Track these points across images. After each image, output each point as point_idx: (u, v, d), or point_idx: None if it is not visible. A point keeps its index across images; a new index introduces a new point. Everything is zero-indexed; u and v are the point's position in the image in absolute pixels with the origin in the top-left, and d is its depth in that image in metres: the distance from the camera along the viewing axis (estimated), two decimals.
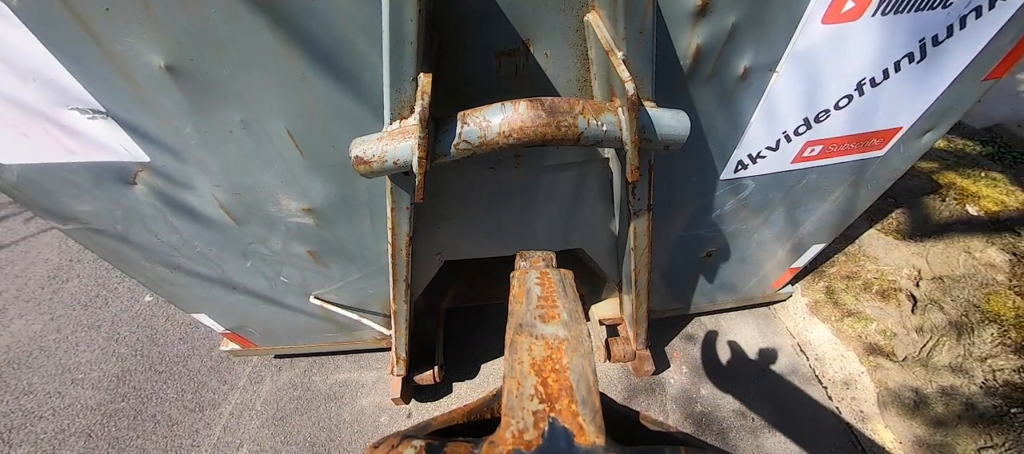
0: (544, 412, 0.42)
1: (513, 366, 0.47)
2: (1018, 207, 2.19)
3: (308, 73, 0.79)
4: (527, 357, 0.48)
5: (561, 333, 0.51)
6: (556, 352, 0.48)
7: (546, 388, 0.44)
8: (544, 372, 0.46)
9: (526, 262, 0.68)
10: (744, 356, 2.19)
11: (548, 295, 0.58)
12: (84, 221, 1.11)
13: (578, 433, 0.40)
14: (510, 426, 0.41)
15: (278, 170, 0.99)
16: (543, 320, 0.53)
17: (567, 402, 0.43)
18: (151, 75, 0.77)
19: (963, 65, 0.99)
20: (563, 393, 0.44)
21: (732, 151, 1.11)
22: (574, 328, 0.52)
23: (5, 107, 0.82)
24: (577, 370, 0.46)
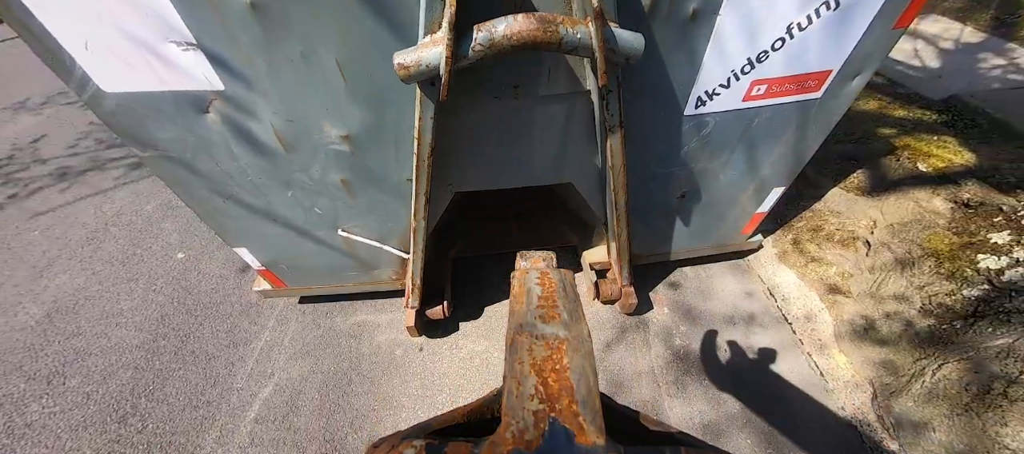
0: (544, 412, 0.42)
1: (513, 366, 0.47)
2: (962, 164, 2.45)
3: (359, 11, 1.03)
4: (527, 357, 0.48)
5: (561, 333, 0.51)
6: (556, 352, 0.49)
7: (546, 388, 0.44)
8: (544, 372, 0.46)
9: (526, 262, 0.69)
10: (720, 299, 2.45)
11: (548, 295, 0.58)
12: (161, 148, 1.35)
13: (578, 433, 0.40)
14: (510, 426, 0.41)
15: (325, 98, 1.23)
16: (543, 320, 0.54)
17: (567, 402, 0.43)
18: (239, 11, 1.02)
19: (873, 14, 1.24)
20: (563, 393, 0.44)
21: (691, 88, 1.36)
22: (574, 328, 0.53)
23: (119, 39, 1.07)
24: (577, 370, 0.47)
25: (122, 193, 3.28)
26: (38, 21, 1.00)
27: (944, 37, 3.94)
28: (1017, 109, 2.87)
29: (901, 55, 3.73)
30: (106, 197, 3.25)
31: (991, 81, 3.24)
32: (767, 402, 1.98)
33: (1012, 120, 2.73)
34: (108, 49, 1.08)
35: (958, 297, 1.87)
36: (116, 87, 1.17)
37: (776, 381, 2.07)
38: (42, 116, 4.34)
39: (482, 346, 2.24)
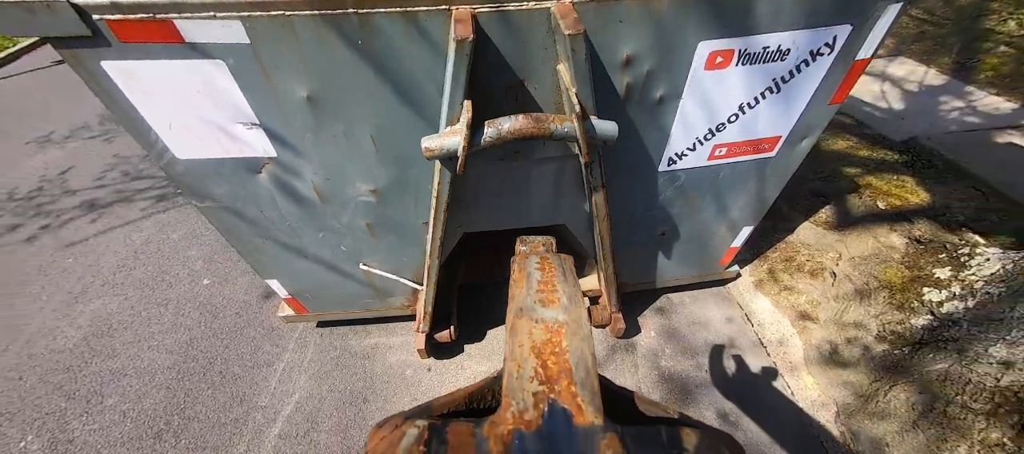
0: (544, 393, 0.42)
1: (513, 349, 0.48)
2: (917, 202, 2.72)
3: (391, 100, 1.29)
4: (527, 340, 0.49)
5: (561, 317, 0.52)
6: (556, 335, 0.49)
7: (546, 370, 0.45)
8: (544, 355, 0.47)
9: (526, 247, 0.70)
10: (702, 324, 2.68)
11: (548, 280, 0.60)
12: (217, 200, 1.60)
13: (577, 413, 0.41)
14: (511, 407, 0.42)
15: (359, 162, 1.49)
16: (543, 304, 0.55)
17: (566, 384, 0.43)
18: (297, 102, 1.28)
19: (809, 95, 1.52)
20: (562, 375, 0.44)
21: (663, 150, 1.62)
22: (573, 312, 0.53)
23: (197, 121, 1.33)
24: (576, 353, 0.47)
25: (149, 223, 3.52)
26: (138, 111, 1.26)
27: (909, 79, 4.27)
28: (969, 151, 3.16)
29: (869, 96, 4.05)
30: (134, 227, 3.49)
31: (949, 123, 3.55)
32: (744, 419, 2.20)
33: (964, 162, 3.01)
34: (186, 128, 1.34)
35: (907, 326, 2.11)
36: (187, 155, 1.42)
37: (752, 400, 2.28)
38: (68, 149, 4.60)
39: (485, 367, 2.46)
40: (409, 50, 1.17)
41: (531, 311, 0.54)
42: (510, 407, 0.42)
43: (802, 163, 1.86)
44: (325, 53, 1.16)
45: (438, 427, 0.42)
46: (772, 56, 1.34)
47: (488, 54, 1.19)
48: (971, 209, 2.64)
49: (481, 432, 0.40)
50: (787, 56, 1.35)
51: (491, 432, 0.40)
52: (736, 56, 1.32)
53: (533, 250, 0.70)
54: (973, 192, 2.81)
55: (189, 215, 3.56)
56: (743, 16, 1.22)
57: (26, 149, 4.61)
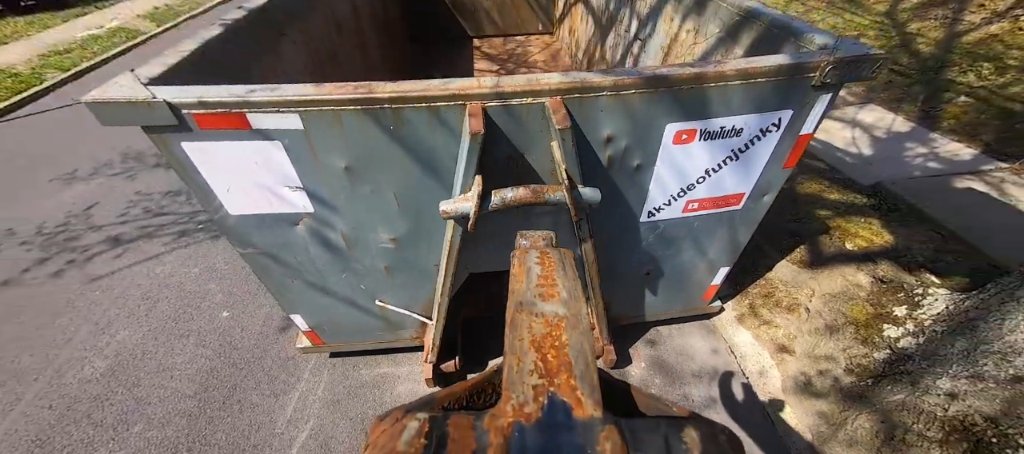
0: (543, 386, 0.43)
1: (513, 343, 0.48)
2: (881, 244, 2.98)
3: (413, 168, 1.56)
4: (527, 334, 0.49)
5: (560, 311, 0.52)
6: (555, 329, 0.50)
7: (545, 364, 0.45)
8: (544, 348, 0.47)
9: (526, 241, 0.71)
10: (689, 355, 2.88)
11: (548, 274, 0.60)
12: (257, 248, 1.85)
13: (576, 406, 0.41)
14: (511, 400, 0.42)
15: (383, 216, 1.75)
16: (543, 298, 0.55)
17: (566, 377, 0.43)
18: (336, 171, 1.55)
19: (764, 162, 1.80)
20: (562, 368, 0.44)
21: (643, 206, 1.89)
22: (573, 306, 0.54)
23: (251, 185, 1.59)
24: (576, 346, 0.48)
25: (171, 257, 3.75)
26: (205, 179, 1.52)
27: (877, 126, 4.62)
28: (931, 195, 3.45)
29: (841, 142, 4.39)
30: (157, 261, 3.72)
31: (913, 169, 3.86)
32: None
33: (925, 206, 3.29)
34: (242, 190, 1.60)
35: (870, 359, 2.32)
36: (239, 211, 1.68)
37: (735, 428, 2.45)
38: (92, 185, 4.87)
39: None
40: (430, 132, 1.45)
41: (531, 305, 0.55)
42: (510, 400, 0.42)
43: (779, 206, 2.13)
44: (362, 135, 1.43)
45: (439, 420, 0.43)
46: (728, 133, 1.62)
47: (494, 134, 1.47)
48: (930, 251, 2.90)
49: (481, 425, 0.41)
50: (741, 133, 1.63)
51: (491, 425, 0.40)
52: (698, 134, 1.60)
53: (533, 244, 0.71)
54: (933, 235, 3.08)
55: (209, 250, 3.79)
56: (701, 105, 1.51)
57: (51, 186, 4.88)
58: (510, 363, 0.47)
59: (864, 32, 6.56)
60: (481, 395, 0.60)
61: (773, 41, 1.88)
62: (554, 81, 1.36)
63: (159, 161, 5.13)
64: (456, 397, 0.58)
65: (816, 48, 1.58)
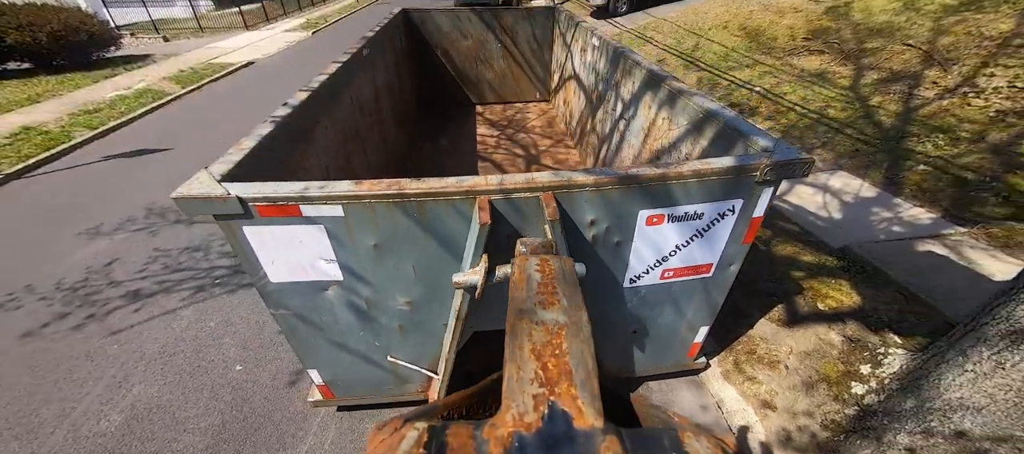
0: (544, 396, 0.43)
1: (514, 351, 0.49)
2: (850, 305, 3.25)
3: (430, 246, 1.86)
4: (527, 342, 0.49)
5: (561, 319, 0.52)
6: (556, 337, 0.50)
7: (546, 372, 0.46)
8: (544, 357, 0.48)
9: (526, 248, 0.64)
10: (678, 409, 3.04)
11: (548, 281, 0.58)
12: (289, 309, 2.10)
13: (577, 416, 0.42)
14: (511, 409, 0.43)
15: (401, 283, 2.02)
16: (543, 306, 0.54)
17: (566, 386, 0.44)
18: (366, 248, 1.85)
19: (725, 239, 2.12)
20: (563, 377, 0.45)
21: (625, 274, 2.18)
22: (573, 314, 0.53)
23: (293, 258, 1.88)
24: (576, 355, 0.48)
25: (188, 312, 3.96)
26: (256, 255, 1.82)
27: (846, 191, 5.05)
28: (895, 258, 3.77)
29: (812, 206, 4.78)
30: (174, 316, 3.92)
31: (879, 232, 4.21)
32: None
33: (889, 269, 3.60)
34: (284, 262, 1.89)
35: (841, 415, 2.51)
36: (279, 279, 1.96)
37: None
38: (115, 240, 5.16)
39: None
40: (447, 219, 1.77)
41: (531, 313, 0.54)
42: (510, 409, 0.42)
43: (757, 267, 2.41)
44: (391, 221, 1.75)
45: (438, 429, 0.42)
46: (691, 217, 1.95)
47: (498, 220, 1.79)
48: (895, 312, 3.17)
49: (481, 434, 0.40)
50: (702, 217, 1.96)
51: (491, 434, 0.40)
52: (667, 218, 1.93)
53: (533, 251, 0.66)
54: (898, 296, 3.36)
55: (225, 304, 4.01)
56: (667, 196, 1.85)
57: (77, 240, 5.16)
58: (510, 372, 0.47)
59: (831, 103, 7.21)
60: (481, 404, 0.57)
61: (729, 137, 2.27)
62: (546, 179, 1.70)
63: (180, 218, 5.45)
64: (456, 406, 0.56)
65: (759, 149, 1.95)
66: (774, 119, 7.17)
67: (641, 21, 14.06)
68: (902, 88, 6.95)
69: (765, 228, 4.42)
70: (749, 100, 7.87)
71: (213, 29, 19.33)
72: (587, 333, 0.56)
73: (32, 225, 5.50)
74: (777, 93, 7.81)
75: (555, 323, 0.56)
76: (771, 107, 7.45)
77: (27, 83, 12.16)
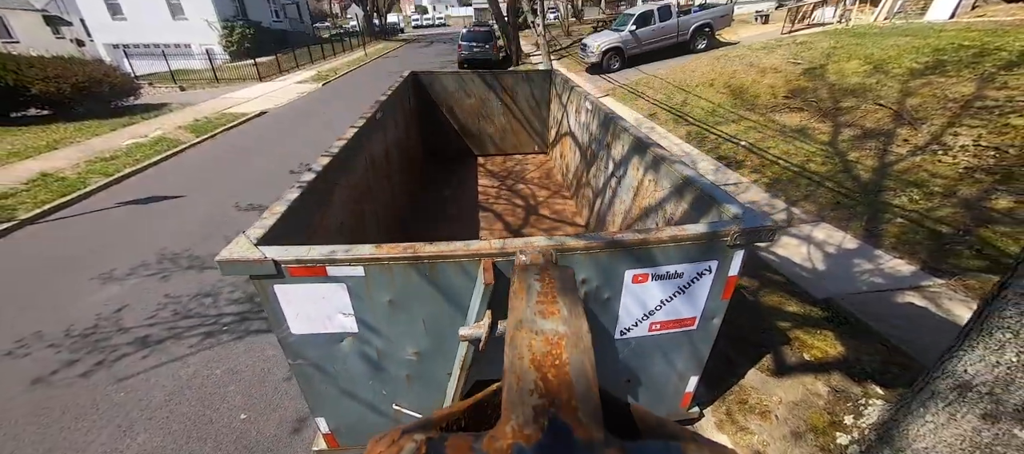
0: (544, 407, 0.43)
1: (513, 362, 0.46)
2: (835, 355, 3.40)
3: (439, 301, 2.07)
4: (527, 352, 0.47)
5: (561, 329, 0.49)
6: (556, 348, 0.47)
7: (546, 383, 0.45)
8: (544, 367, 0.46)
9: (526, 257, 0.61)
10: None
11: (548, 291, 0.56)
12: (306, 359, 2.27)
13: (577, 427, 0.41)
14: (510, 421, 0.42)
15: (411, 335, 2.20)
16: (543, 316, 0.52)
17: (567, 397, 0.43)
18: (381, 304, 2.05)
19: (705, 296, 2.33)
20: (563, 388, 0.44)
21: (615, 326, 2.37)
22: (574, 324, 0.50)
23: (314, 313, 2.07)
24: (577, 365, 0.46)
25: (195, 359, 4.06)
26: (282, 309, 2.02)
27: (829, 242, 5.31)
28: (876, 309, 3.96)
29: (797, 257, 5.02)
30: (182, 363, 4.02)
31: (860, 283, 4.43)
32: None
33: (870, 320, 3.78)
34: (306, 317, 2.08)
35: None
36: (299, 331, 2.14)
37: None
38: (126, 286, 5.31)
39: None
40: (455, 278, 1.98)
41: (531, 323, 0.52)
42: (510, 421, 0.41)
43: (747, 318, 2.59)
44: (406, 280, 1.96)
45: (436, 442, 0.41)
46: (672, 275, 2.18)
47: (500, 278, 2.01)
48: (878, 363, 3.32)
49: (480, 447, 0.39)
50: (683, 276, 2.18)
51: (490, 447, 0.38)
52: (651, 276, 2.15)
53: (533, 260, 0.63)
54: (880, 347, 3.52)
55: (232, 351, 4.12)
56: (650, 258, 2.08)
57: (89, 286, 5.32)
58: (510, 382, 0.46)
59: (812, 157, 7.65)
60: (481, 415, 0.55)
61: (705, 201, 2.54)
62: (542, 244, 1.94)
63: (192, 264, 5.64)
64: (455, 418, 0.54)
65: (731, 216, 2.21)
66: (760, 172, 7.57)
67: (633, 77, 14.98)
68: (877, 144, 7.42)
69: (753, 279, 4.64)
70: (736, 153, 8.33)
71: (228, 80, 20.34)
72: (587, 343, 0.53)
73: (45, 270, 5.67)
74: (762, 147, 8.28)
75: (555, 333, 0.53)
76: (756, 160, 7.89)
77: (45, 129, 12.67)
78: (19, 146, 11.03)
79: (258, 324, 4.50)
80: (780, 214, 6.16)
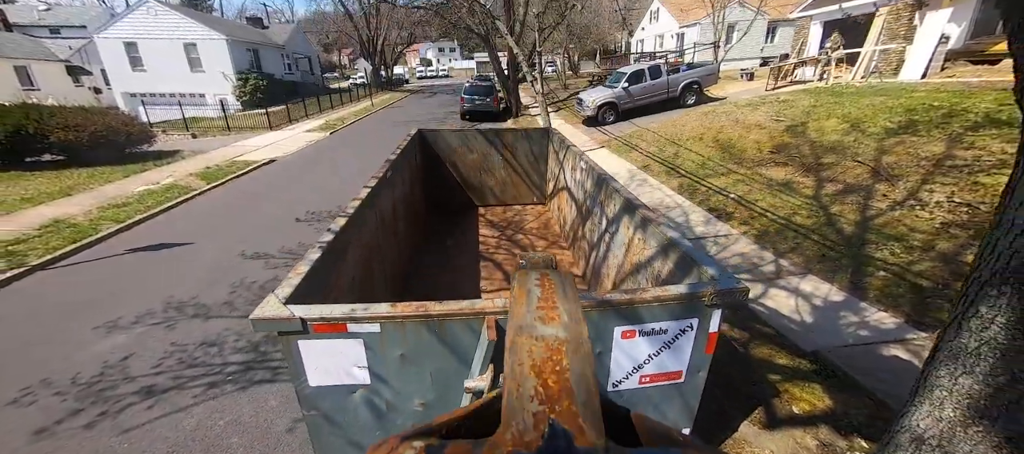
0: (544, 413, 0.42)
1: (513, 368, 0.49)
2: (823, 409, 3.53)
3: (446, 354, 2.26)
4: (527, 359, 0.50)
5: (561, 334, 0.53)
6: (556, 353, 0.50)
7: (546, 389, 0.45)
8: (544, 374, 0.47)
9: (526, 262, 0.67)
10: None
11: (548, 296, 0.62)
12: (320, 410, 2.42)
13: (578, 435, 0.40)
14: (510, 428, 0.41)
15: (419, 388, 2.37)
16: (543, 321, 0.56)
17: (567, 404, 0.43)
18: (393, 358, 2.24)
19: (689, 350, 2.53)
20: (563, 394, 0.44)
21: (608, 379, 2.54)
22: (574, 329, 0.55)
23: (332, 366, 2.26)
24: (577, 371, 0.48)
25: (199, 409, 4.13)
26: (303, 363, 2.21)
27: (816, 294, 5.52)
28: (862, 363, 4.11)
29: (786, 309, 5.21)
30: (186, 413, 4.09)
31: (847, 336, 4.60)
32: None
33: (856, 374, 3.93)
34: (324, 370, 2.26)
35: None
36: (316, 383, 2.31)
37: None
38: (132, 334, 5.42)
39: None
40: (461, 334, 2.20)
41: (531, 328, 0.55)
42: (510, 428, 0.42)
43: (738, 370, 2.75)
44: (417, 336, 2.17)
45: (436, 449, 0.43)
46: (658, 332, 2.39)
47: (501, 332, 2.22)
48: (864, 416, 3.45)
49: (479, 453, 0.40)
50: (667, 332, 2.40)
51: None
52: (638, 332, 2.36)
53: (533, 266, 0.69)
54: (867, 401, 3.65)
55: (235, 401, 4.19)
56: (636, 316, 2.30)
57: (96, 333, 5.42)
58: (509, 388, 0.47)
59: (797, 210, 8.02)
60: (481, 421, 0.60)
61: (688, 261, 2.79)
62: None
63: (198, 312, 5.78)
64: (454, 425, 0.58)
65: (708, 278, 2.46)
66: (749, 224, 7.90)
67: (627, 130, 15.76)
68: (857, 199, 7.82)
69: (743, 331, 4.81)
70: (726, 206, 8.71)
71: (239, 128, 21.20)
72: (587, 349, 0.56)
73: (53, 317, 5.80)
74: (750, 200, 8.68)
75: (555, 339, 0.56)
76: (745, 213, 8.25)
77: (59, 175, 13.10)
78: (32, 191, 11.40)
79: (261, 374, 4.59)
80: (769, 266, 6.41)
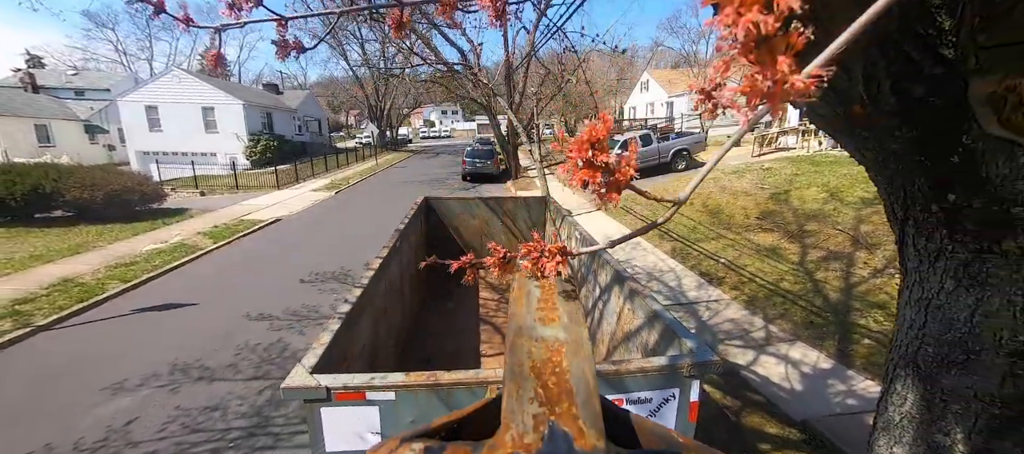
0: (544, 415, 0.42)
1: (513, 369, 0.50)
2: None
3: (444, 403, 2.49)
4: (527, 360, 0.50)
5: (561, 336, 0.54)
6: (556, 354, 0.51)
7: (546, 391, 0.45)
8: (544, 375, 0.48)
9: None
10: None
11: (548, 298, 0.63)
12: None
13: (578, 436, 0.40)
14: (510, 429, 0.42)
15: None
16: (543, 323, 0.57)
17: (567, 405, 0.43)
18: (405, 422, 2.46)
19: (673, 418, 2.75)
20: (563, 396, 0.44)
21: None
22: (574, 331, 0.55)
23: (347, 432, 2.48)
24: (577, 373, 0.48)
25: None
26: (323, 430, 2.43)
27: (804, 362, 5.71)
28: (850, 433, 4.25)
29: (776, 377, 5.39)
30: None
31: (834, 405, 4.76)
32: None
33: (842, 445, 4.07)
34: (341, 436, 2.48)
35: None
36: (332, 448, 2.50)
37: None
38: (138, 397, 5.48)
39: None
40: (465, 400, 2.45)
41: (531, 330, 0.55)
42: (509, 430, 0.41)
43: (730, 436, 2.92)
44: (427, 402, 2.42)
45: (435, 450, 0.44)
46: (643, 401, 2.64)
47: None
48: None
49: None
50: (651, 401, 2.65)
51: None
52: (624, 401, 2.61)
53: None
54: None
55: None
56: (622, 385, 2.56)
57: (100, 396, 5.49)
58: (509, 390, 0.47)
59: (784, 276, 8.37)
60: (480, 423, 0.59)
61: (671, 333, 3.10)
62: None
63: (202, 375, 5.89)
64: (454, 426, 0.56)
65: (686, 350, 2.75)
66: (739, 288, 8.22)
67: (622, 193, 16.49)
68: (840, 266, 8.21)
69: (735, 399, 4.96)
70: (716, 271, 9.06)
71: (247, 187, 21.96)
72: (587, 351, 0.56)
73: (58, 379, 5.89)
74: (739, 264, 9.05)
75: (555, 340, 0.56)
76: (735, 278, 8.59)
77: (69, 231, 13.45)
78: (42, 248, 11.69)
79: (264, 440, 4.66)
80: (759, 332, 6.64)
